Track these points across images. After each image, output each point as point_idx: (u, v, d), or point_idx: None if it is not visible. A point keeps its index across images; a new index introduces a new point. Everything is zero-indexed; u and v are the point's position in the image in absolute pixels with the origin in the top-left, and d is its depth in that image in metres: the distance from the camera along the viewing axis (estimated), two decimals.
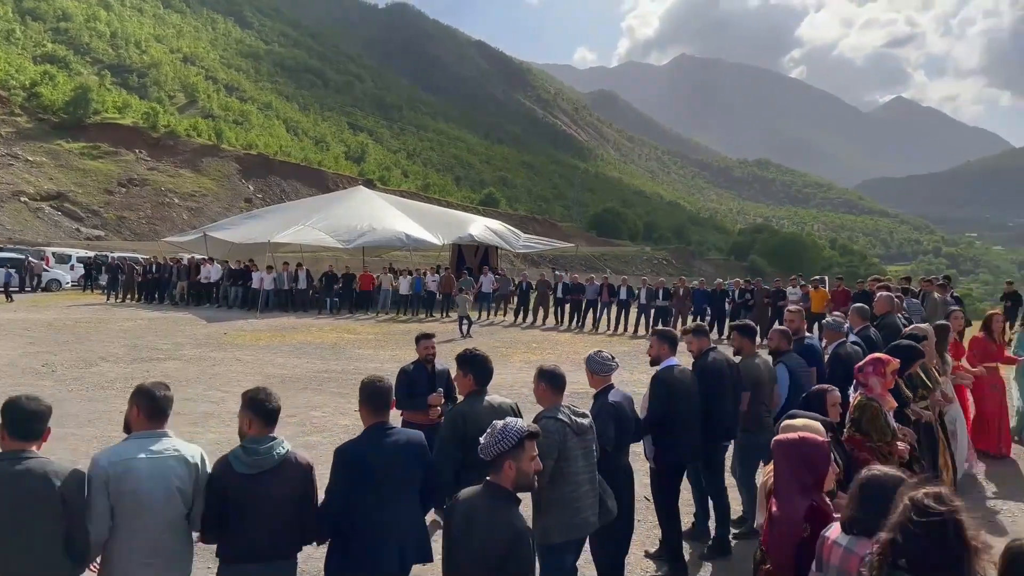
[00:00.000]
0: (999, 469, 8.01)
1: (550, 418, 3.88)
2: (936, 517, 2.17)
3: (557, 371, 4.10)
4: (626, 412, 4.70)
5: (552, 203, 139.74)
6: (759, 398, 5.85)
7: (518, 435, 2.98)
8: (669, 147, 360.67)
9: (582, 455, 3.94)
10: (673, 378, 5.26)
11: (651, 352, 5.47)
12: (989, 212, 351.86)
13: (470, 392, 4.11)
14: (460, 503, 3.01)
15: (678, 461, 5.43)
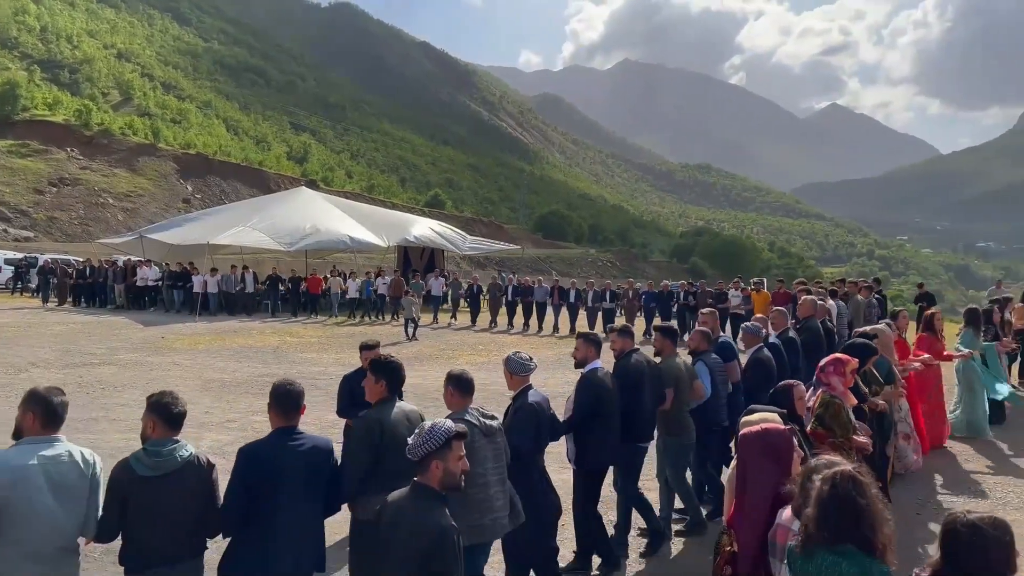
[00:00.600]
0: (939, 460, 8.47)
1: (458, 420, 3.80)
2: (840, 490, 2.52)
3: (464, 375, 4.12)
4: (544, 413, 4.71)
5: (498, 205, 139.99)
6: (680, 399, 5.94)
7: (446, 435, 3.01)
8: (613, 151, 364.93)
9: (492, 457, 3.96)
10: (598, 380, 5.30)
11: (577, 354, 5.48)
12: (919, 216, 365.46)
13: (381, 399, 4.01)
14: (388, 505, 3.03)
15: (600, 463, 5.44)
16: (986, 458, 8.59)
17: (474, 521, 3.80)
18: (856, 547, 2.52)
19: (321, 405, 11.26)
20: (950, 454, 8.73)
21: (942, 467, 8.21)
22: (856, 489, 2.55)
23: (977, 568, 2.23)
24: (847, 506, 2.53)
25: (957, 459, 8.60)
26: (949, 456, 8.66)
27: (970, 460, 8.53)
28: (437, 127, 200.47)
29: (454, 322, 23.76)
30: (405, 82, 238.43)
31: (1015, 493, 7.16)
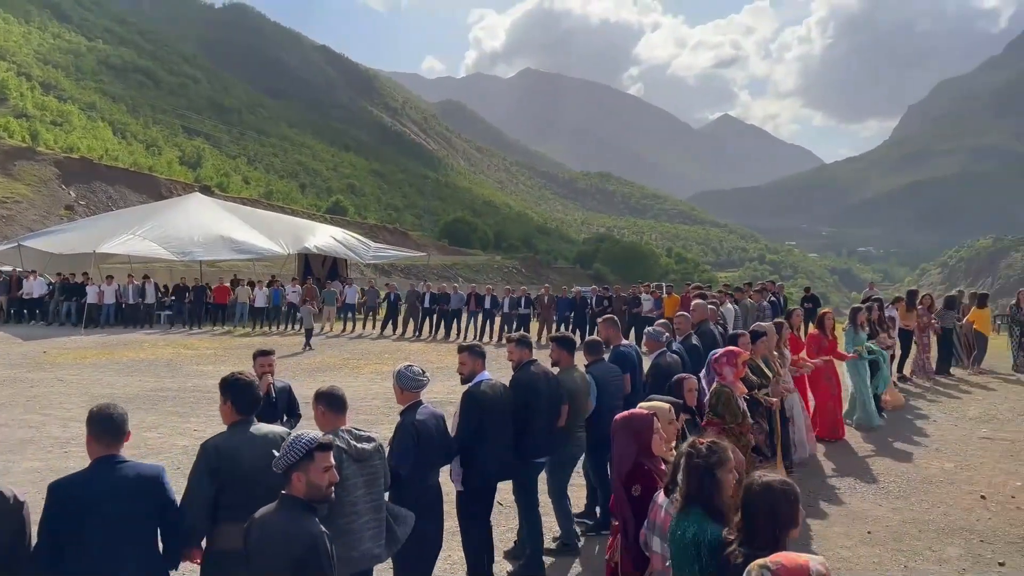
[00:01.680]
0: (835, 450, 8.93)
1: None
2: (691, 458, 2.93)
3: (335, 392, 3.82)
4: (431, 431, 4.45)
5: (403, 212, 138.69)
6: (574, 410, 5.74)
7: (307, 446, 2.92)
8: (517, 158, 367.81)
9: (363, 483, 3.68)
10: (482, 394, 5.02)
11: (463, 369, 5.18)
12: (805, 222, 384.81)
13: (232, 421, 3.64)
14: (255, 521, 2.90)
15: (486, 482, 5.14)
16: (870, 445, 9.14)
17: (340, 554, 3.48)
18: (702, 509, 2.87)
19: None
20: (842, 443, 9.24)
21: (834, 456, 8.69)
22: (705, 458, 2.91)
23: (768, 519, 2.55)
24: (694, 472, 2.91)
25: (848, 448, 9.10)
26: (842, 446, 9.15)
27: (859, 449, 9.04)
28: (338, 132, 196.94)
29: (372, 331, 23.43)
30: (304, 86, 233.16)
31: (895, 483, 7.59)
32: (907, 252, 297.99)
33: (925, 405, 11.61)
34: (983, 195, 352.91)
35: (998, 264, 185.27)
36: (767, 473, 2.69)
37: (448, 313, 22.15)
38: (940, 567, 5.52)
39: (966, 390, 12.90)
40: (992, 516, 6.55)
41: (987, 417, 10.61)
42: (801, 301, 20.35)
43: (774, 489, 2.56)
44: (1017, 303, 15.38)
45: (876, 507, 6.87)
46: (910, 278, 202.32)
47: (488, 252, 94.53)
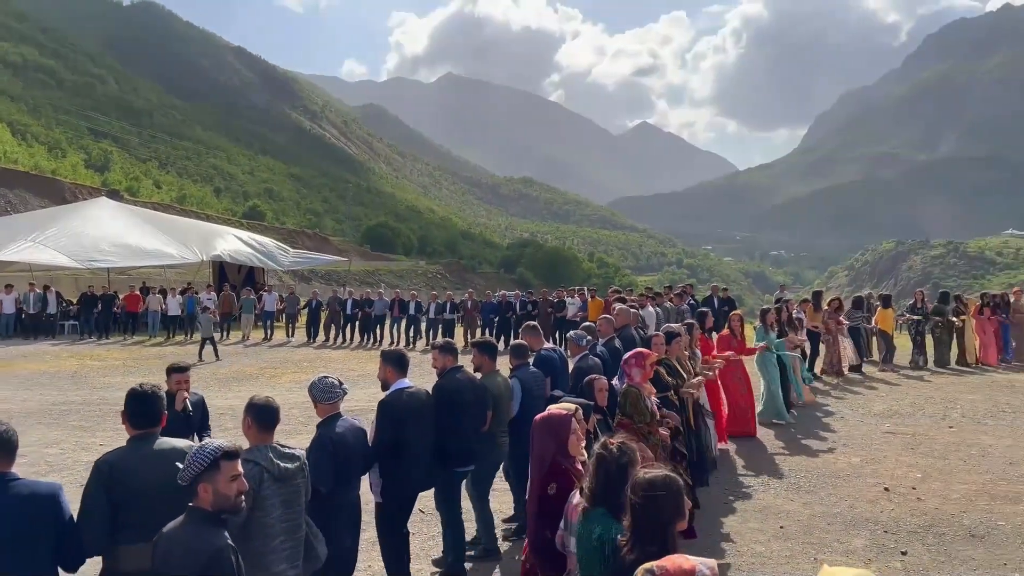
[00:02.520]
0: (747, 447, 9.20)
1: (246, 461, 3.41)
2: (600, 459, 2.96)
3: (269, 405, 3.64)
4: (350, 444, 4.32)
5: (323, 217, 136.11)
6: (497, 416, 5.70)
7: (212, 455, 2.83)
8: (440, 163, 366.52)
9: (281, 503, 3.51)
10: (401, 403, 4.92)
11: (380, 375, 5.09)
12: (721, 227, 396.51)
13: (132, 436, 3.46)
14: (162, 536, 2.79)
15: (406, 493, 5.03)
16: (781, 441, 9.47)
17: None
18: (607, 509, 2.89)
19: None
20: (754, 441, 9.54)
21: (746, 453, 8.95)
22: (615, 459, 2.95)
23: (652, 514, 2.58)
24: (602, 472, 2.95)
25: (759, 445, 9.40)
26: (754, 443, 9.45)
27: (770, 446, 9.35)
28: (255, 135, 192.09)
29: (292, 339, 22.92)
30: (219, 88, 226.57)
31: (806, 478, 7.87)
32: (816, 255, 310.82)
33: (833, 402, 12.11)
34: (886, 201, 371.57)
35: (900, 267, 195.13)
36: (651, 468, 2.71)
37: (371, 319, 21.88)
38: (847, 558, 5.74)
39: (871, 387, 13.52)
40: (895, 507, 6.86)
41: (890, 412, 11.13)
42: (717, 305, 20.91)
43: (656, 483, 2.59)
44: (914, 303, 16.23)
45: (788, 502, 7.10)
46: (819, 280, 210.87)
47: (412, 257, 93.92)
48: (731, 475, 8.06)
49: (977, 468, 8.07)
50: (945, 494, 7.18)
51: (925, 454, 8.69)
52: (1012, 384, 13.48)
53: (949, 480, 7.63)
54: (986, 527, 6.29)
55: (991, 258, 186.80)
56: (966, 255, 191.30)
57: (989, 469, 8.02)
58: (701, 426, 7.53)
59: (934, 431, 9.83)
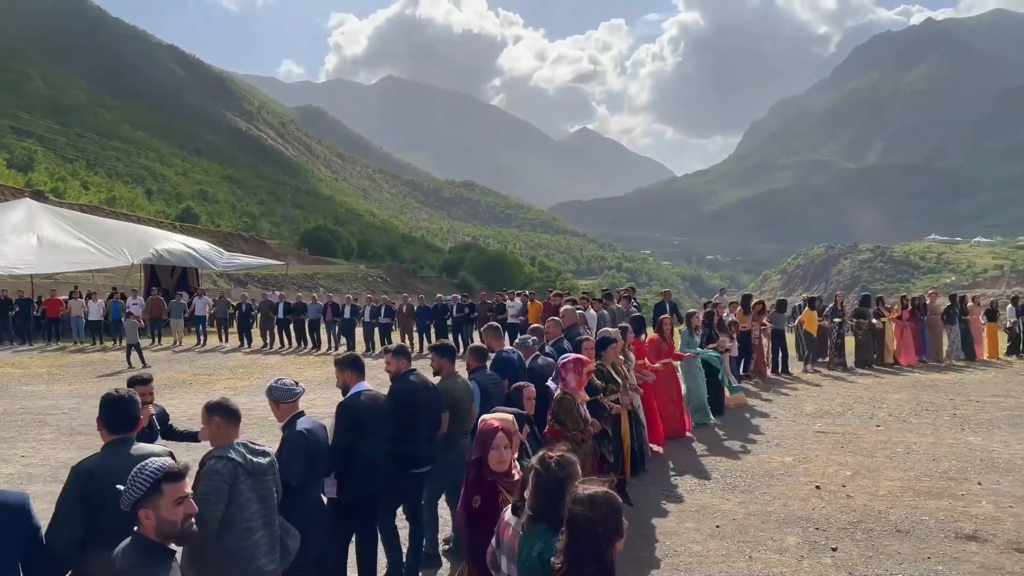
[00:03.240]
0: (677, 448, 9.36)
1: (219, 458, 3.45)
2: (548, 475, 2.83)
3: (229, 404, 3.68)
4: (318, 441, 4.40)
5: (260, 220, 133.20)
6: (457, 418, 5.70)
7: (151, 478, 2.61)
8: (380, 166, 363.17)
9: (257, 499, 3.55)
10: (360, 406, 4.95)
11: (338, 383, 5.15)
12: (659, 232, 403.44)
13: (108, 442, 3.44)
14: (111, 560, 2.64)
15: (364, 497, 5.02)
16: (706, 444, 9.65)
17: (233, 571, 3.41)
18: (547, 525, 2.78)
19: (53, 443, 9.94)
20: (686, 442, 9.73)
21: (675, 454, 9.10)
22: (553, 473, 2.85)
23: (591, 533, 2.48)
24: (541, 487, 2.85)
25: (690, 446, 9.58)
26: (687, 445, 9.62)
27: (705, 446, 9.52)
28: (188, 136, 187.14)
29: (224, 344, 22.34)
30: (151, 87, 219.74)
31: (741, 478, 8.03)
32: (751, 260, 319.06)
33: (766, 403, 12.39)
34: (817, 207, 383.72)
35: (830, 270, 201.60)
36: (588, 484, 2.60)
37: (305, 324, 21.51)
38: (780, 556, 5.86)
39: (803, 387, 13.90)
40: (826, 505, 7.03)
41: (821, 413, 11.44)
42: (655, 307, 21.23)
43: (596, 501, 2.49)
44: (834, 305, 16.77)
45: (724, 502, 7.22)
46: (753, 284, 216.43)
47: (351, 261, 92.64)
48: (665, 477, 8.17)
49: (902, 465, 8.35)
50: (873, 491, 7.40)
51: (854, 452, 8.95)
52: (935, 384, 14.02)
53: (876, 477, 7.87)
54: (911, 522, 6.50)
55: (915, 262, 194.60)
56: (892, 259, 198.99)
57: (913, 466, 8.30)
58: (635, 429, 7.65)
59: (862, 430, 10.14)
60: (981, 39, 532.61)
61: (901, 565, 5.62)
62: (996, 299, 23.50)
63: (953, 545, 5.98)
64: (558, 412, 5.29)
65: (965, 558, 5.71)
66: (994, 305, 19.15)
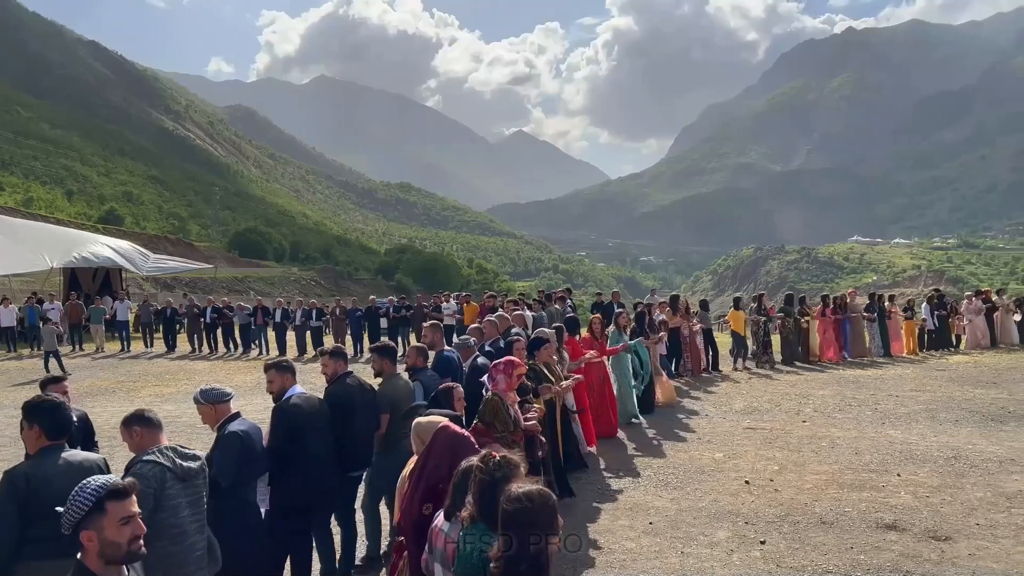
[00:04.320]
0: (610, 446, 9.47)
1: (146, 462, 3.35)
2: (487, 475, 2.80)
3: (146, 413, 3.59)
4: (253, 443, 4.33)
5: (187, 222, 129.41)
6: (400, 419, 5.58)
7: (94, 496, 2.41)
8: (313, 167, 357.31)
9: (187, 504, 3.45)
10: (297, 408, 4.88)
11: (272, 387, 5.06)
12: (594, 234, 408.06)
13: (41, 447, 3.35)
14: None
15: (299, 501, 4.92)
16: (635, 443, 9.80)
17: None
18: (486, 524, 2.77)
19: None
20: (619, 440, 9.86)
21: (608, 452, 9.22)
22: (491, 472, 2.83)
23: (526, 531, 2.47)
24: (481, 487, 2.82)
25: (621, 443, 9.73)
26: (614, 442, 9.75)
27: (638, 444, 9.67)
28: (111, 135, 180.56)
29: (150, 350, 21.58)
30: (71, 85, 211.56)
31: (673, 474, 8.16)
32: (683, 261, 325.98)
33: (696, 401, 12.65)
34: (745, 209, 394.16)
35: (759, 271, 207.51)
36: (523, 483, 2.60)
37: (234, 328, 21.01)
38: (711, 550, 5.97)
39: (732, 385, 14.24)
40: (755, 499, 7.21)
41: (750, 409, 11.73)
42: (591, 307, 21.47)
43: (531, 499, 2.48)
44: (759, 305, 17.27)
45: (657, 498, 7.32)
46: (686, 284, 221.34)
47: (284, 264, 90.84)
48: (599, 475, 8.26)
49: (827, 459, 8.62)
50: (799, 485, 7.62)
51: (782, 447, 9.20)
52: (857, 380, 14.54)
53: (803, 471, 8.11)
54: (835, 514, 6.71)
55: (839, 263, 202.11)
56: (817, 260, 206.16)
57: (838, 460, 8.58)
58: (569, 425, 7.72)
59: (790, 425, 10.44)
60: (898, 49, 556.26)
61: (825, 556, 5.79)
62: (913, 297, 24.57)
63: (874, 535, 6.19)
64: (484, 413, 5.29)
65: (885, 547, 5.92)
66: (910, 303, 20.04)
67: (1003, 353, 18.33)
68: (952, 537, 6.07)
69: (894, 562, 5.62)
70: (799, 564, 5.65)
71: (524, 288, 68.21)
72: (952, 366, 16.28)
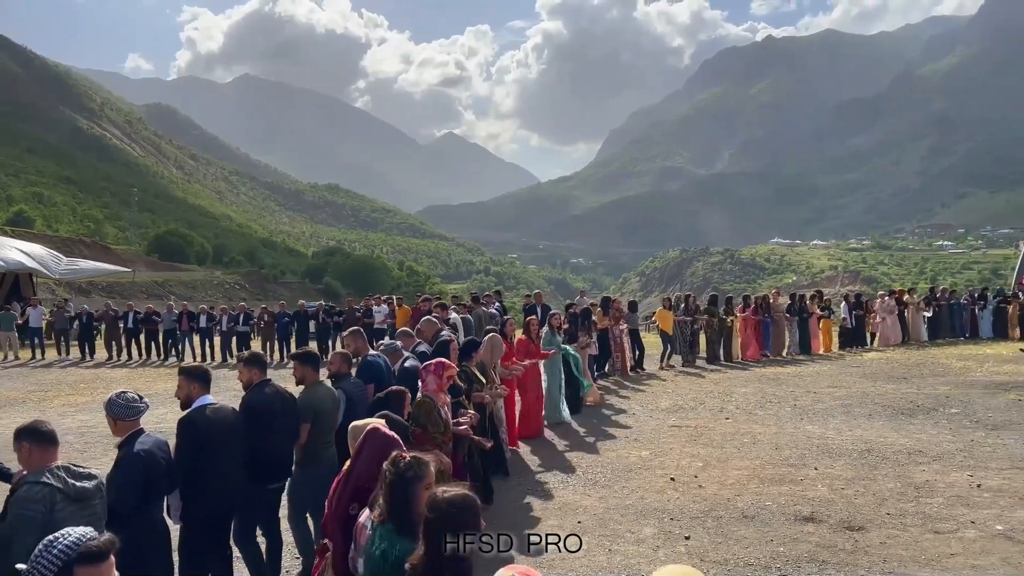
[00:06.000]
0: (541, 446, 9.61)
1: (33, 483, 3.16)
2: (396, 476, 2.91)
3: (39, 427, 3.38)
4: (158, 460, 4.13)
5: (104, 224, 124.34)
6: (320, 429, 5.50)
7: (60, 559, 2.10)
8: (238, 168, 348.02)
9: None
10: (205, 420, 4.65)
11: (180, 393, 4.80)
12: (525, 236, 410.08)
13: None
14: None
15: (211, 514, 4.72)
16: (567, 440, 9.96)
17: None
18: (394, 525, 2.86)
19: None
20: (545, 439, 10.00)
21: (539, 452, 9.33)
22: (400, 473, 2.91)
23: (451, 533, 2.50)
24: (390, 487, 2.92)
25: (550, 443, 9.85)
26: (544, 441, 9.89)
27: (558, 443, 9.81)
28: (20, 134, 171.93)
29: (67, 357, 20.64)
30: None
31: (601, 473, 8.27)
32: (612, 263, 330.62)
33: (624, 400, 12.86)
34: (672, 211, 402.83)
35: (685, 272, 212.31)
36: (448, 488, 2.63)
37: (157, 333, 20.32)
38: (638, 547, 6.07)
39: (658, 383, 14.54)
40: (680, 496, 7.36)
41: (676, 407, 11.99)
42: (523, 309, 21.60)
43: (455, 503, 2.52)
44: (686, 306, 17.71)
45: (585, 497, 7.40)
46: (615, 286, 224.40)
47: (206, 267, 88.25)
48: (530, 475, 8.33)
49: (749, 455, 8.88)
50: (722, 480, 7.82)
51: (706, 444, 9.43)
52: (777, 377, 15.03)
53: (725, 467, 8.33)
54: (756, 508, 6.92)
55: (761, 264, 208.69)
56: (740, 261, 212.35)
57: (759, 455, 8.84)
58: (496, 431, 7.77)
59: (713, 423, 10.71)
60: (815, 56, 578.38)
61: (747, 549, 5.96)
62: (831, 297, 25.59)
63: (793, 527, 6.41)
64: (418, 415, 5.28)
65: (803, 538, 6.13)
66: (828, 303, 20.88)
67: (913, 349, 19.26)
68: (865, 527, 6.33)
69: (811, 553, 5.83)
70: (722, 558, 5.79)
71: (456, 290, 68.02)
72: (866, 363, 17.00)
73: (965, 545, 5.88)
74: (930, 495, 7.15)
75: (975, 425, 10.20)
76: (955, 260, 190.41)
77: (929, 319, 21.20)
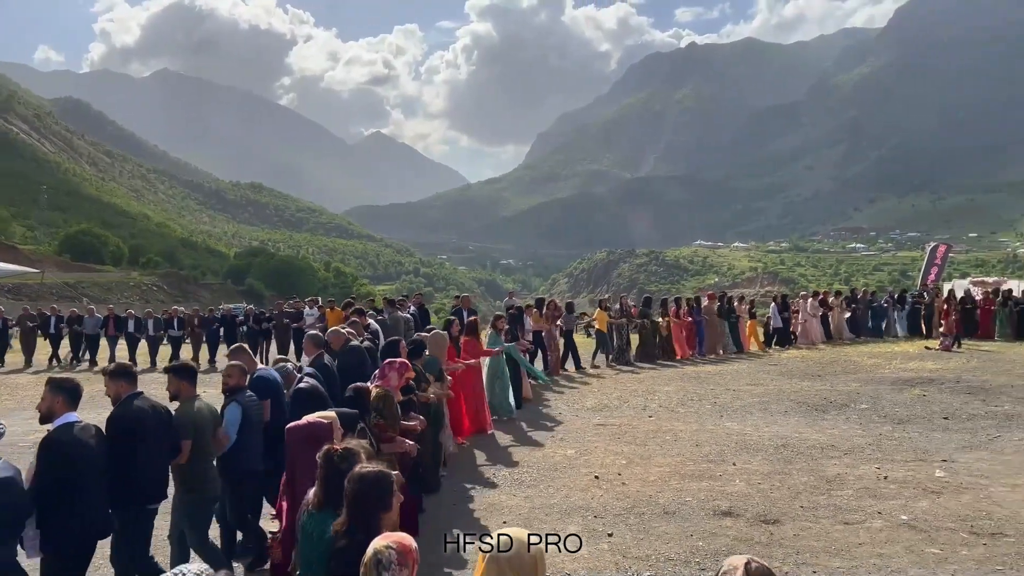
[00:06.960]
0: (480, 441, 9.76)
1: None
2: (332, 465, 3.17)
3: None
4: (7, 492, 3.78)
5: (10, 223, 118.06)
6: (202, 448, 5.12)
7: None
8: (155, 165, 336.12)
9: None
10: (71, 439, 4.23)
11: (42, 406, 4.33)
12: (455, 237, 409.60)
13: None
14: None
15: (76, 544, 4.31)
16: (511, 435, 10.09)
17: None
18: (332, 510, 3.09)
19: None
20: (488, 435, 10.10)
21: (483, 446, 9.45)
22: (336, 463, 3.17)
23: (364, 504, 2.86)
24: (326, 476, 3.19)
25: (494, 438, 9.96)
26: (488, 437, 10.00)
27: (502, 438, 9.91)
28: None
29: None
30: None
31: (528, 473, 8.32)
32: (541, 264, 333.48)
33: (552, 399, 12.98)
34: (599, 214, 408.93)
35: (612, 273, 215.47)
36: (366, 464, 2.97)
37: (81, 338, 19.47)
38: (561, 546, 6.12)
39: (584, 383, 14.74)
40: (603, 493, 7.46)
41: (600, 406, 12.16)
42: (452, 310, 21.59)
43: (368, 478, 2.87)
44: (620, 306, 18.03)
45: (511, 497, 7.42)
46: (543, 287, 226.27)
47: (122, 268, 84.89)
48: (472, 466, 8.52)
49: (671, 452, 9.06)
50: (645, 477, 7.96)
51: (629, 442, 9.59)
52: (699, 375, 15.42)
53: (648, 464, 8.48)
54: (677, 504, 7.07)
55: (685, 265, 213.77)
56: (665, 263, 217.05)
57: (680, 452, 9.04)
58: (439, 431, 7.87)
59: (636, 421, 10.91)
60: (735, 64, 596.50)
61: (668, 544, 6.08)
62: (753, 298, 26.55)
63: (711, 522, 6.57)
64: (382, 409, 5.41)
65: (721, 532, 6.30)
66: (753, 304, 21.68)
67: (829, 348, 20.09)
68: (780, 520, 6.54)
69: (729, 546, 5.98)
70: (643, 554, 5.89)
71: (385, 292, 67.32)
72: (784, 361, 17.62)
73: (872, 535, 6.14)
74: (841, 487, 7.44)
75: (883, 420, 10.69)
76: (867, 262, 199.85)
77: (848, 319, 22.23)
